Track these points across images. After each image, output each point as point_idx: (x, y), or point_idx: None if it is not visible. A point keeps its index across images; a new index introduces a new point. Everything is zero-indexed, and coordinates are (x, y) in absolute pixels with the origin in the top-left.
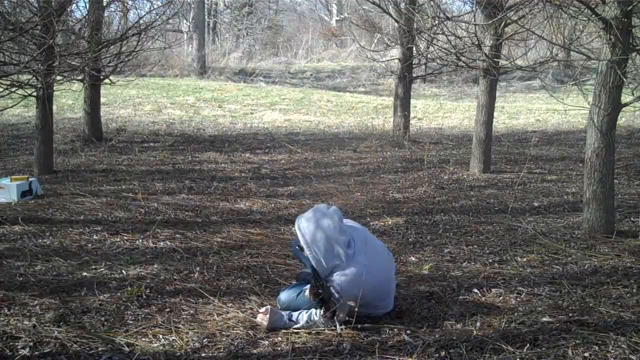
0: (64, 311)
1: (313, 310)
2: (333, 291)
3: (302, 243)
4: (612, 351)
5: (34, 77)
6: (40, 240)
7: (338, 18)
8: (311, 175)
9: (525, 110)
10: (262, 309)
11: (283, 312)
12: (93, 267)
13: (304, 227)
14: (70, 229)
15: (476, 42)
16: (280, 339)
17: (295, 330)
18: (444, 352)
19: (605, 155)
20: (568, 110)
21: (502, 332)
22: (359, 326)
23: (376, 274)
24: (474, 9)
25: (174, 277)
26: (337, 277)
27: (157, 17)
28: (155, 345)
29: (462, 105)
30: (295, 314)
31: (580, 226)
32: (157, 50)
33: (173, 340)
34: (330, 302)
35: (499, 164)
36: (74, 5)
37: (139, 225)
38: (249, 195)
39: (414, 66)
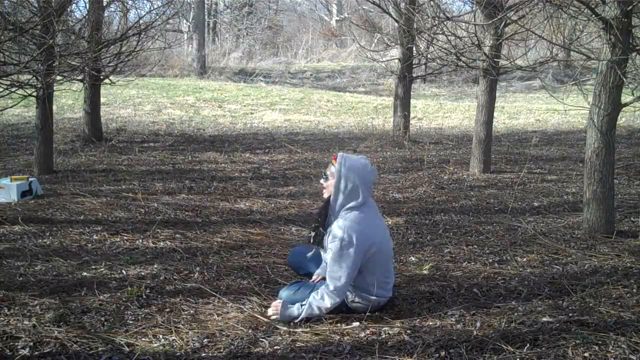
0: (64, 311)
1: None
2: (331, 233)
3: (335, 169)
4: (612, 351)
5: (34, 77)
6: (40, 240)
7: (338, 18)
8: (311, 175)
9: (525, 110)
10: (275, 302)
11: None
12: (93, 267)
13: (350, 160)
14: (70, 229)
15: (476, 42)
16: (280, 338)
17: (295, 330)
18: (444, 352)
19: (605, 155)
20: (568, 110)
21: (502, 332)
22: (361, 326)
23: (376, 233)
24: (474, 9)
25: (174, 277)
26: (340, 220)
27: (157, 17)
28: (155, 345)
29: (462, 105)
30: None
31: (580, 226)
32: (157, 50)
33: (173, 340)
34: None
35: (499, 164)
36: (74, 5)
37: (139, 225)
38: (249, 195)
39: (414, 66)
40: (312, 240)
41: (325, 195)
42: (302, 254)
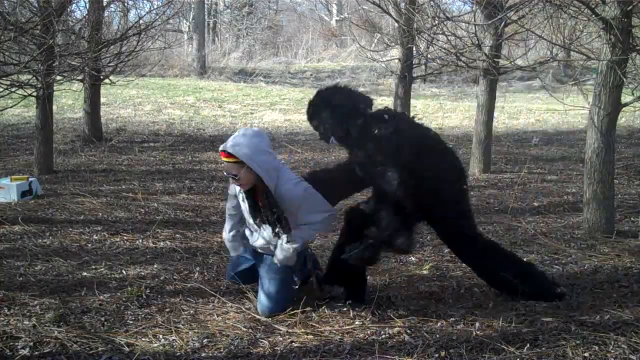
0: (64, 311)
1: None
2: (288, 203)
3: (243, 157)
4: (612, 351)
5: (34, 77)
6: (40, 240)
7: (338, 18)
8: None
9: (525, 110)
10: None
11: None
12: (93, 267)
13: (244, 146)
14: (70, 229)
15: (476, 42)
16: (280, 338)
17: (296, 331)
18: (444, 352)
19: (605, 155)
20: (568, 110)
21: (502, 332)
22: (361, 326)
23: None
24: (474, 9)
25: (174, 277)
26: (283, 187)
27: (157, 17)
28: (155, 345)
29: (462, 105)
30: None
31: (580, 226)
32: (157, 50)
33: (173, 340)
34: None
35: (499, 164)
36: (74, 5)
37: (139, 225)
38: None
39: (414, 66)
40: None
41: (247, 187)
42: (244, 262)
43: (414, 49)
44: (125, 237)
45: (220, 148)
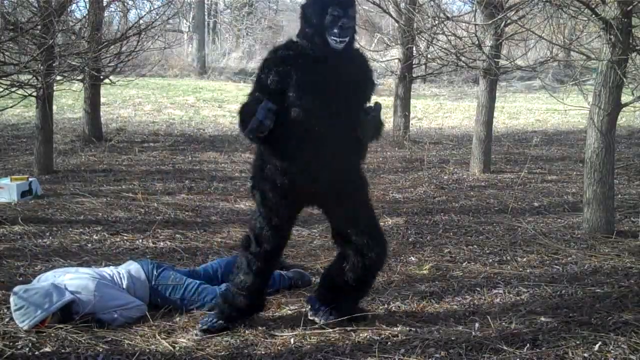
0: None
1: None
2: None
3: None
4: (612, 351)
5: (34, 77)
6: (40, 240)
7: None
8: None
9: (525, 110)
10: None
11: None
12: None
13: None
14: (70, 229)
15: (476, 42)
16: (280, 339)
17: (296, 331)
18: (444, 352)
19: (605, 155)
20: (568, 110)
21: (501, 332)
22: (361, 326)
23: None
24: (474, 9)
25: None
26: None
27: (157, 17)
28: (155, 345)
29: (462, 105)
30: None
31: (580, 226)
32: (157, 50)
33: (173, 340)
34: None
35: (499, 164)
36: (74, 5)
37: (139, 225)
38: (249, 195)
39: (414, 66)
40: None
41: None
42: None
43: (414, 49)
44: (125, 237)
45: None
